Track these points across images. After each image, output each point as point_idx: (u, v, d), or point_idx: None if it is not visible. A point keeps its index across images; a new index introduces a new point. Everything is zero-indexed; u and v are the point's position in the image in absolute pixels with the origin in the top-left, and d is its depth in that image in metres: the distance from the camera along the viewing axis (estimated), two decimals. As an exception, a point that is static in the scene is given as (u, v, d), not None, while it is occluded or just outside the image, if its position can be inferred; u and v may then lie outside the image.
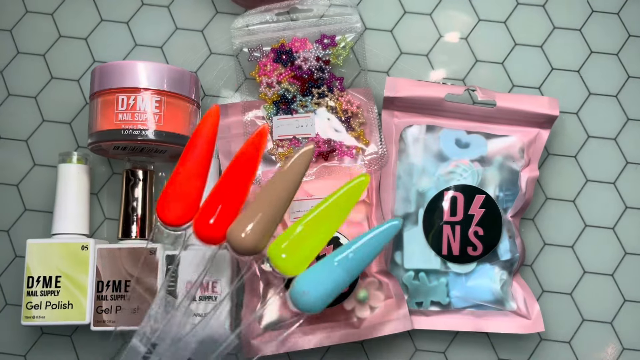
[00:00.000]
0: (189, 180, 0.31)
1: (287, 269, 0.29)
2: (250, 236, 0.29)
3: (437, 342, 0.51)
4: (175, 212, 0.31)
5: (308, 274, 0.29)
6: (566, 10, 0.54)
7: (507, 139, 0.50)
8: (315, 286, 0.29)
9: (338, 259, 0.29)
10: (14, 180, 0.53)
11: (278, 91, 0.50)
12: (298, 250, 0.29)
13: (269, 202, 0.29)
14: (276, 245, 0.30)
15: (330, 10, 0.52)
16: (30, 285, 0.46)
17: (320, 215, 0.30)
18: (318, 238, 0.30)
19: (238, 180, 0.30)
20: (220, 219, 0.30)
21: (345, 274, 0.29)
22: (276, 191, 0.30)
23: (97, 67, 0.47)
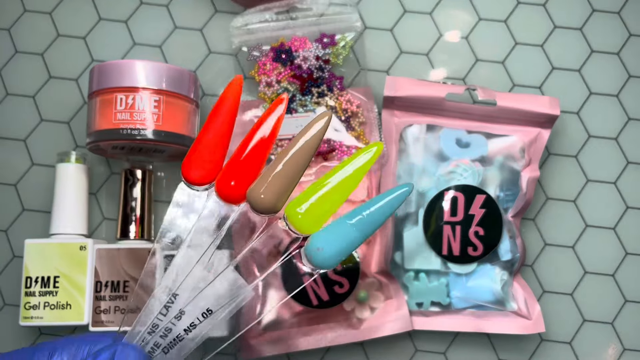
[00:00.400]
0: (212, 143, 0.34)
1: (302, 227, 0.32)
2: (269, 196, 0.31)
3: (437, 342, 0.51)
4: (199, 172, 0.33)
5: (323, 232, 0.32)
6: (567, 9, 0.54)
7: (508, 139, 0.50)
8: (329, 243, 0.32)
9: (352, 219, 0.31)
10: (12, 180, 0.53)
11: (277, 90, 0.50)
12: (314, 210, 0.32)
13: (288, 164, 0.32)
14: (293, 205, 0.32)
15: (330, 9, 0.52)
16: (28, 286, 0.46)
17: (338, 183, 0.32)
18: (333, 200, 0.32)
19: (258, 144, 0.33)
20: (240, 180, 0.33)
21: (359, 233, 0.32)
22: (294, 154, 0.32)
23: (96, 67, 0.47)
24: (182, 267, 0.32)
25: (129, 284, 0.46)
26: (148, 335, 0.31)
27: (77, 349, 0.30)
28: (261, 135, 0.33)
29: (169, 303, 0.31)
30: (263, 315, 0.48)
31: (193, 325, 0.31)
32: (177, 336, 0.31)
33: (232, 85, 0.35)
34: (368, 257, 0.48)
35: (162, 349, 0.31)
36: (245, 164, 0.33)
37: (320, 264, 0.31)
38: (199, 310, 0.32)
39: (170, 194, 0.52)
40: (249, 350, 0.48)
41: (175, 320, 0.31)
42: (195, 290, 0.32)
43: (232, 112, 0.34)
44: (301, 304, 0.47)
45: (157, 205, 0.52)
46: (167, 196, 0.52)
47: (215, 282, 0.32)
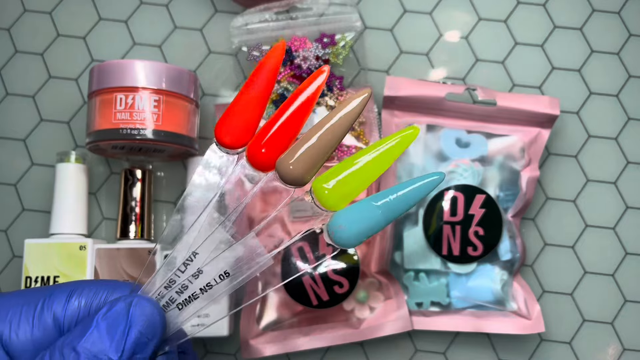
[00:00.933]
0: (247, 108, 0.33)
1: (328, 203, 0.31)
2: (298, 167, 0.31)
3: (437, 342, 0.51)
4: (232, 135, 0.33)
5: (347, 210, 0.31)
6: (567, 9, 0.54)
7: (508, 139, 0.50)
8: (351, 223, 0.31)
9: (378, 201, 0.31)
10: (12, 180, 0.53)
11: (277, 90, 0.50)
12: (341, 188, 0.31)
13: (320, 137, 0.31)
14: (321, 180, 0.31)
15: (330, 9, 0.52)
16: (28, 286, 0.46)
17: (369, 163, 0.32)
18: (361, 179, 0.31)
19: (294, 114, 0.32)
20: (272, 147, 0.32)
21: (382, 216, 0.31)
22: (328, 128, 0.31)
23: (96, 66, 0.47)
24: (204, 227, 0.32)
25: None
26: (164, 290, 0.31)
27: (95, 294, 0.30)
28: (298, 104, 0.32)
29: (188, 260, 0.31)
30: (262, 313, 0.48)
31: (209, 286, 0.31)
32: (192, 294, 0.31)
33: (275, 50, 0.34)
34: (368, 257, 0.48)
35: (176, 305, 0.31)
36: (279, 132, 0.32)
37: (341, 242, 0.31)
38: (217, 272, 0.32)
39: (170, 193, 0.52)
40: (249, 350, 0.48)
41: (193, 278, 0.31)
42: (216, 251, 0.32)
43: (272, 75, 0.33)
44: (301, 303, 0.47)
45: (157, 205, 0.52)
46: (166, 196, 0.52)
47: (237, 246, 0.32)
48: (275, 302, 0.48)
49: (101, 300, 0.30)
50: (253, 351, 0.48)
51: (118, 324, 0.27)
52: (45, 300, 0.29)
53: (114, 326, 0.27)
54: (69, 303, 0.29)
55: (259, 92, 0.33)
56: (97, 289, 0.30)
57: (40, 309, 0.29)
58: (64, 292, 0.29)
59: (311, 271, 0.47)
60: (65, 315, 0.29)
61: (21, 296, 0.29)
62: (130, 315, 0.28)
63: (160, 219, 0.52)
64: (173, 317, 0.31)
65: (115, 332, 0.27)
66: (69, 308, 0.29)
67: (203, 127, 0.52)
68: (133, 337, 0.27)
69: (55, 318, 0.29)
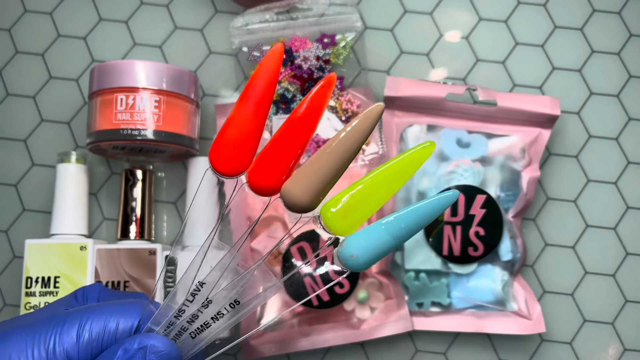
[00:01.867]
0: (244, 129, 0.29)
1: (337, 229, 0.30)
2: (305, 195, 0.29)
3: (437, 342, 0.51)
4: (229, 161, 0.30)
5: (357, 238, 0.29)
6: (567, 9, 0.54)
7: (508, 139, 0.50)
8: (364, 251, 0.29)
9: (389, 225, 0.29)
10: (13, 180, 0.53)
11: (278, 90, 0.50)
12: (351, 212, 0.29)
13: (328, 160, 0.29)
14: (329, 205, 0.29)
15: (330, 10, 0.52)
16: (28, 286, 0.46)
17: (378, 179, 0.29)
18: (372, 202, 0.29)
19: (297, 134, 0.29)
20: (275, 172, 0.30)
21: (393, 240, 0.29)
22: (337, 150, 0.29)
23: (96, 67, 0.47)
24: (209, 257, 0.31)
25: (129, 284, 0.46)
26: (175, 319, 0.30)
27: (104, 324, 0.30)
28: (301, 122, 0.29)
29: (195, 291, 0.31)
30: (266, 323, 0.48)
31: (220, 314, 0.31)
32: (204, 323, 0.31)
33: (271, 56, 0.29)
34: (368, 258, 0.48)
35: (189, 333, 0.31)
36: (281, 155, 0.29)
37: (354, 269, 0.30)
38: (227, 301, 0.31)
39: (170, 194, 0.52)
40: (250, 351, 0.48)
41: (203, 308, 0.31)
42: (223, 279, 0.31)
43: (269, 87, 0.29)
44: (302, 304, 0.47)
45: (157, 206, 0.52)
46: (167, 196, 0.52)
47: (246, 275, 0.31)
48: (276, 303, 0.48)
49: (112, 330, 0.29)
50: (254, 351, 0.48)
51: None
52: (56, 339, 0.29)
53: None
54: (80, 339, 0.29)
55: (254, 109, 0.29)
56: (106, 317, 0.30)
57: (52, 349, 0.28)
58: (72, 325, 0.29)
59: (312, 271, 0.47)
60: (78, 352, 0.29)
61: (29, 333, 0.29)
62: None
63: (161, 220, 0.52)
64: (187, 345, 0.30)
65: None
66: (81, 344, 0.29)
67: (203, 127, 0.52)
68: None
69: (68, 357, 0.28)
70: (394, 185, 0.29)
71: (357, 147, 0.29)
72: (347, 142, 0.29)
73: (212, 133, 0.52)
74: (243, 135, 0.29)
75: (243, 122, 0.29)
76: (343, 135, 0.29)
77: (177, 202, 0.52)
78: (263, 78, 0.29)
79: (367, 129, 0.29)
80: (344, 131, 0.29)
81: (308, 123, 0.29)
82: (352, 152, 0.29)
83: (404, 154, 0.29)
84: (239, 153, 0.30)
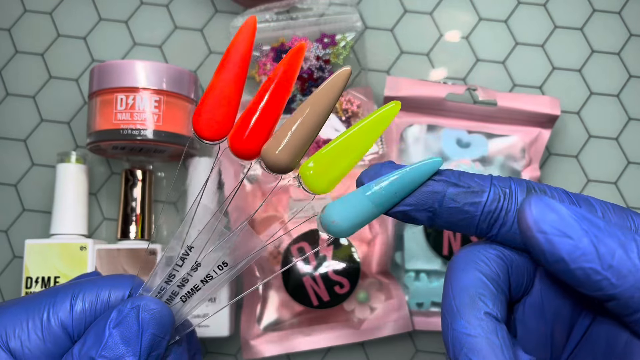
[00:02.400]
0: (223, 94, 0.32)
1: (316, 187, 0.31)
2: (284, 153, 0.31)
3: (437, 342, 0.51)
4: (211, 126, 0.32)
5: (338, 204, 0.30)
6: (567, 9, 0.54)
7: (508, 139, 0.50)
8: (343, 219, 0.31)
9: (369, 192, 0.30)
10: (12, 180, 0.53)
11: (278, 91, 0.50)
12: (328, 170, 0.31)
13: (304, 121, 0.31)
14: (307, 166, 0.31)
15: (330, 9, 0.52)
16: (28, 286, 0.46)
17: (350, 138, 0.31)
18: (347, 160, 0.31)
19: (273, 97, 0.32)
20: (255, 135, 0.31)
21: (375, 207, 0.30)
22: (311, 111, 0.31)
23: (96, 67, 0.47)
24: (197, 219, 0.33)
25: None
26: (165, 284, 0.31)
27: (97, 294, 0.30)
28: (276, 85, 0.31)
29: (184, 255, 0.32)
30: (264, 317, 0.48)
31: (209, 277, 0.32)
32: (194, 286, 0.32)
33: (245, 27, 0.32)
34: (368, 258, 0.48)
35: (179, 298, 0.32)
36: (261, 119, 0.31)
37: (336, 235, 0.31)
38: (215, 263, 0.32)
39: (170, 194, 0.52)
40: (249, 351, 0.48)
41: (192, 271, 0.32)
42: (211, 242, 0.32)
43: (245, 56, 0.32)
44: (301, 304, 0.47)
45: (157, 206, 0.52)
46: (167, 196, 0.52)
47: (232, 237, 0.32)
48: (276, 303, 0.48)
49: (104, 300, 0.30)
50: (253, 351, 0.48)
51: (130, 329, 0.28)
52: (50, 309, 0.29)
53: (127, 332, 0.28)
54: (74, 308, 0.29)
55: (233, 75, 0.32)
56: (98, 288, 0.30)
57: (47, 319, 0.29)
58: (65, 297, 0.30)
59: (312, 271, 0.47)
60: (72, 321, 0.29)
61: (23, 307, 0.29)
62: (141, 320, 0.28)
63: (161, 220, 0.52)
64: (178, 309, 0.31)
65: (129, 338, 0.28)
66: (75, 313, 0.29)
67: (203, 127, 0.52)
68: (148, 340, 0.28)
69: (63, 327, 0.29)
70: (366, 144, 0.31)
71: (329, 107, 0.31)
72: (319, 103, 0.31)
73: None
74: (222, 100, 0.31)
75: (222, 88, 0.32)
76: (316, 96, 0.31)
77: (177, 202, 0.52)
78: (239, 46, 0.32)
79: (337, 90, 0.31)
80: (316, 93, 0.31)
81: (284, 86, 0.31)
82: (326, 112, 0.31)
83: (372, 115, 0.31)
84: (219, 118, 0.31)
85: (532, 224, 0.21)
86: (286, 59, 0.32)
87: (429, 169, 0.29)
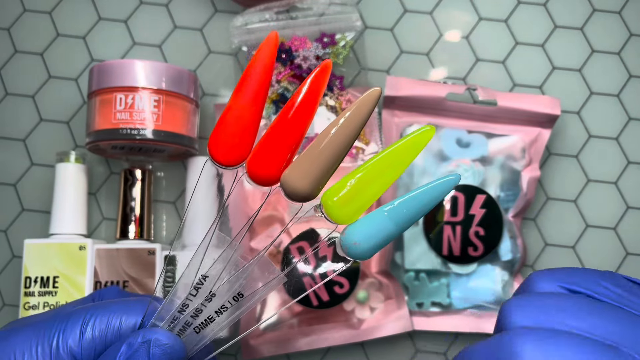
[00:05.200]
0: (241, 117, 0.29)
1: (340, 217, 0.29)
2: (305, 182, 0.29)
3: (437, 343, 0.50)
4: (228, 151, 0.29)
5: (359, 225, 0.29)
6: (567, 9, 0.54)
7: (508, 139, 0.50)
8: (366, 238, 0.29)
9: (390, 211, 0.29)
10: (12, 180, 0.52)
11: (277, 90, 0.50)
12: (353, 199, 0.29)
13: (327, 147, 0.28)
14: (330, 194, 0.29)
15: (330, 9, 0.52)
16: (27, 286, 0.46)
17: (378, 164, 0.29)
18: (373, 189, 0.29)
19: (295, 121, 0.29)
20: (274, 160, 0.29)
21: (395, 226, 0.29)
22: (335, 136, 0.28)
23: (95, 66, 0.47)
24: (210, 249, 0.31)
25: (128, 284, 0.46)
26: (179, 314, 0.30)
27: (108, 322, 0.30)
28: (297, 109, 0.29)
29: (198, 284, 0.31)
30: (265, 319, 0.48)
31: (224, 308, 0.31)
32: (208, 317, 0.31)
33: (266, 44, 0.29)
34: (368, 258, 0.48)
35: (193, 328, 0.30)
36: (280, 143, 0.29)
37: (357, 257, 0.30)
38: (231, 294, 0.31)
39: (170, 194, 0.52)
40: (249, 351, 0.48)
41: (206, 302, 0.31)
42: (226, 273, 0.31)
43: (265, 75, 0.29)
44: (301, 304, 0.47)
45: (157, 205, 0.52)
46: (166, 196, 0.52)
47: (248, 267, 0.31)
48: (275, 303, 0.48)
49: (115, 327, 0.30)
50: (253, 351, 0.48)
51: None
52: (60, 336, 0.29)
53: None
54: (84, 336, 0.29)
55: (252, 97, 0.29)
56: (110, 314, 0.30)
57: (56, 347, 0.28)
58: (76, 323, 0.29)
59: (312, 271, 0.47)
60: (82, 350, 0.29)
61: (34, 330, 0.29)
62: (152, 356, 0.28)
63: (160, 219, 0.52)
64: (192, 340, 0.30)
65: None
66: (84, 341, 0.29)
67: (203, 127, 0.52)
68: None
69: (72, 355, 0.28)
70: (395, 172, 0.29)
71: (356, 133, 0.28)
72: (345, 128, 0.28)
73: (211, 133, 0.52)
74: (241, 124, 0.29)
75: (240, 112, 0.29)
76: (342, 121, 0.28)
77: (177, 202, 0.52)
78: (259, 66, 0.29)
79: (365, 115, 0.28)
80: (343, 117, 0.28)
81: (306, 110, 0.29)
82: (351, 138, 0.28)
83: (403, 139, 0.28)
84: (237, 142, 0.29)
85: None
86: (310, 79, 0.29)
87: (447, 187, 0.28)
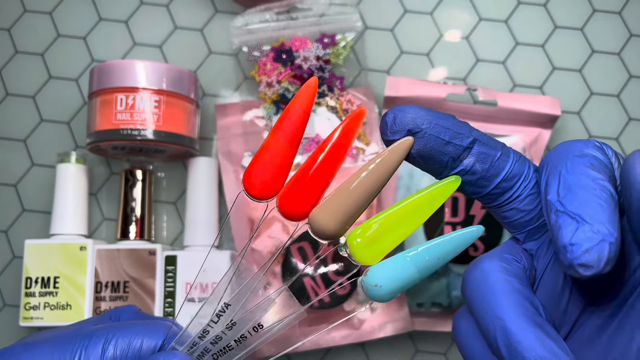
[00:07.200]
0: (277, 156, 0.31)
1: (363, 258, 0.30)
2: (333, 222, 0.30)
3: (437, 343, 0.51)
4: (261, 186, 0.31)
5: (382, 267, 0.30)
6: (567, 9, 0.54)
7: (509, 139, 0.50)
8: (388, 282, 0.30)
9: (414, 258, 0.30)
10: (12, 180, 0.53)
11: (278, 90, 0.50)
12: (377, 241, 0.30)
13: (357, 190, 0.30)
14: (355, 234, 0.30)
15: (330, 9, 0.52)
16: (28, 286, 0.46)
17: (404, 210, 0.30)
18: (398, 233, 0.30)
19: (326, 162, 0.31)
20: (304, 198, 0.31)
21: (417, 272, 0.30)
22: (365, 179, 0.30)
23: (96, 67, 0.47)
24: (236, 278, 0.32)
25: (129, 285, 0.46)
26: (199, 340, 0.31)
27: (129, 342, 0.31)
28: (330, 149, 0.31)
29: (220, 312, 0.32)
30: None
31: (243, 337, 0.31)
32: (227, 345, 0.31)
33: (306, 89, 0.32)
34: (368, 258, 0.48)
35: (211, 355, 0.31)
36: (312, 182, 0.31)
37: (377, 299, 0.31)
38: (251, 324, 0.32)
39: (170, 194, 0.52)
40: (250, 351, 0.48)
41: (227, 330, 0.31)
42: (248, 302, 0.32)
43: (302, 118, 0.32)
44: (302, 304, 0.47)
45: (157, 206, 0.52)
46: (167, 197, 0.52)
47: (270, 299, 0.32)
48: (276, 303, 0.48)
49: (136, 348, 0.30)
50: (254, 352, 0.48)
51: None
52: (82, 353, 0.29)
53: None
54: (105, 354, 0.30)
55: (289, 137, 0.31)
56: (132, 335, 0.31)
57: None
58: (98, 341, 0.30)
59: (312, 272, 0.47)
60: None
61: (55, 346, 0.29)
62: None
63: (161, 220, 0.52)
64: None
65: None
66: (106, 358, 0.30)
67: (203, 127, 0.52)
68: None
69: None
70: (419, 219, 0.31)
71: (385, 179, 0.30)
72: (374, 174, 0.30)
73: (211, 133, 0.52)
74: (276, 162, 0.31)
75: (277, 151, 0.31)
76: (372, 167, 0.30)
77: (177, 202, 0.52)
78: (298, 109, 0.32)
79: (395, 162, 0.30)
80: (373, 162, 0.30)
81: (337, 154, 0.31)
82: (380, 184, 0.30)
83: (430, 187, 0.30)
84: (271, 180, 0.31)
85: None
86: (344, 123, 0.31)
87: (470, 238, 0.30)
